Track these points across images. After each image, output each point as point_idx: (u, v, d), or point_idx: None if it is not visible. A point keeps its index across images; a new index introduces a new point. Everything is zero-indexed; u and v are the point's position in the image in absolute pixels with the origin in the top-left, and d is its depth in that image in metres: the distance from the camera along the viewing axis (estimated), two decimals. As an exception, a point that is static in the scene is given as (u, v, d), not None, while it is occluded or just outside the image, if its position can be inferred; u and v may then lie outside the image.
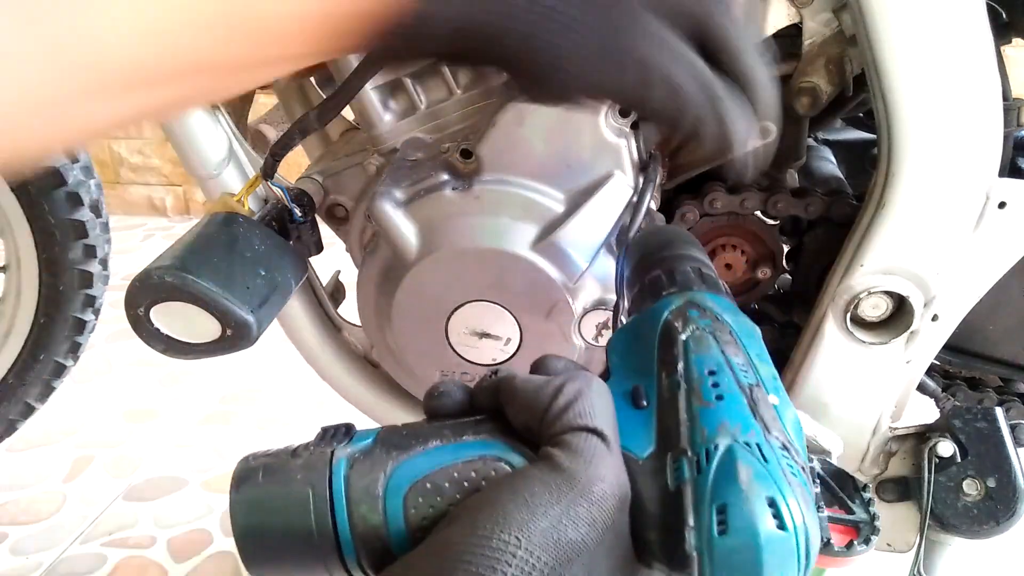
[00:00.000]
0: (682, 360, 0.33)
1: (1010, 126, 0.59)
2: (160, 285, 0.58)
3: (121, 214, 2.67)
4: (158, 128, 0.72)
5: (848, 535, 0.56)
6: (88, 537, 1.26)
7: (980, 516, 0.66)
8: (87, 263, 1.19)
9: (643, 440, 0.32)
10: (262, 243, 0.65)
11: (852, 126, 0.88)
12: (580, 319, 0.65)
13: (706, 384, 0.32)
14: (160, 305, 0.60)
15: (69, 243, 1.16)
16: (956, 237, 0.60)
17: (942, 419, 0.67)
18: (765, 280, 0.71)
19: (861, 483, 0.60)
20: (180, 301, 0.59)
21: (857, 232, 0.62)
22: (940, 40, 0.54)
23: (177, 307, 0.59)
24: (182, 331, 0.61)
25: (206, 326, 0.60)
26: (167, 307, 0.60)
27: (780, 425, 0.32)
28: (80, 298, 1.21)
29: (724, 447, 0.29)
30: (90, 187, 1.18)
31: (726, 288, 0.40)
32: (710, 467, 0.29)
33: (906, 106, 0.56)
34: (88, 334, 1.26)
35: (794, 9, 0.60)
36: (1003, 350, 0.74)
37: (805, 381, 0.66)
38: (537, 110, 0.60)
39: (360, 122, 0.70)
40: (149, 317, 0.60)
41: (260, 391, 1.64)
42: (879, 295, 0.62)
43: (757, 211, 0.69)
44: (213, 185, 0.72)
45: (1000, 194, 0.58)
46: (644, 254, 0.44)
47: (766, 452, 0.29)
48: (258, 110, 1.16)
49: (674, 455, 0.30)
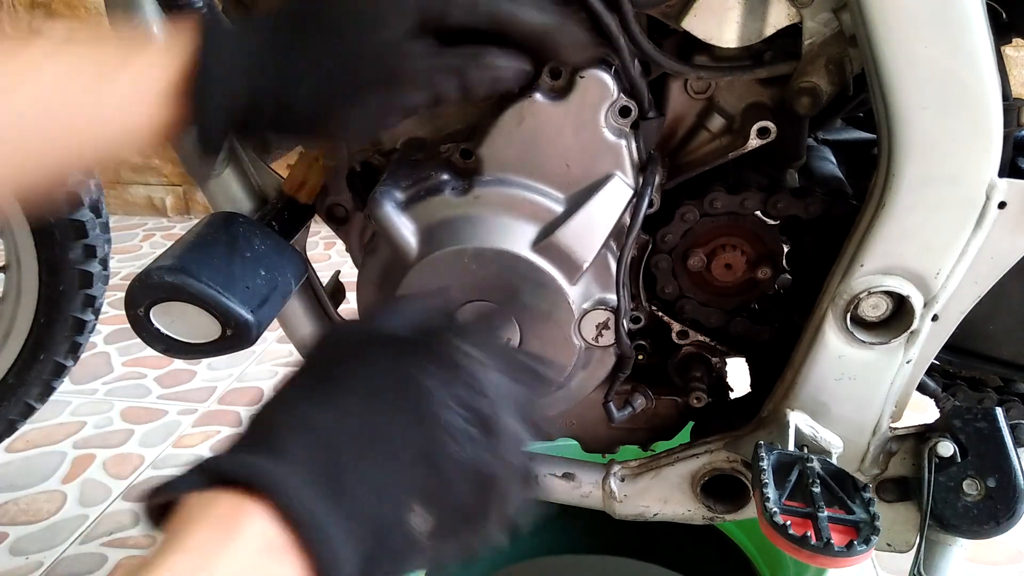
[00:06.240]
0: None
1: (1010, 126, 0.59)
2: (160, 285, 0.58)
3: (121, 214, 2.67)
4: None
5: (848, 535, 0.56)
6: (88, 537, 1.26)
7: (980, 516, 0.66)
8: (87, 263, 1.19)
9: None
10: (262, 243, 0.65)
11: (852, 126, 0.88)
12: (580, 319, 0.65)
13: None
14: (160, 305, 0.60)
15: (69, 243, 1.16)
16: (956, 237, 0.60)
17: (942, 419, 0.67)
18: (765, 280, 0.71)
19: (861, 483, 0.60)
20: (180, 301, 0.59)
21: (857, 232, 0.62)
22: (940, 40, 0.54)
23: (177, 307, 0.60)
24: (182, 331, 0.61)
25: (206, 326, 0.60)
26: (167, 307, 0.60)
27: None
28: (80, 298, 1.21)
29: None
30: (90, 187, 1.18)
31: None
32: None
33: (906, 106, 0.56)
34: (88, 334, 1.26)
35: (794, 9, 0.60)
36: (1003, 350, 0.74)
37: (805, 381, 0.66)
38: (537, 110, 0.60)
39: (360, 122, 0.69)
40: (149, 317, 0.60)
41: (260, 391, 1.64)
42: (879, 295, 0.62)
43: (757, 211, 0.69)
44: (213, 185, 0.72)
45: (1000, 194, 0.58)
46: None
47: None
48: (258, 110, 1.16)
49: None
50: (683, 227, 0.69)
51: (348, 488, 0.37)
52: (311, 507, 0.35)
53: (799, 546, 0.55)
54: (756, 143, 0.64)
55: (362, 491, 0.37)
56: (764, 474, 0.59)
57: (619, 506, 0.75)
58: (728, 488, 0.73)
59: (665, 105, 0.69)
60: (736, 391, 0.80)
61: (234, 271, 0.61)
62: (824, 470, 0.61)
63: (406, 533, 0.39)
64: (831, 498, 0.59)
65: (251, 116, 0.50)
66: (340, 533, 0.36)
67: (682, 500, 0.74)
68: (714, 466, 0.72)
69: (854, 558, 0.55)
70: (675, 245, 0.70)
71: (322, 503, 0.36)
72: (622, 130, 0.61)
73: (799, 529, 0.56)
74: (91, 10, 2.45)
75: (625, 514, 0.76)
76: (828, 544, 0.55)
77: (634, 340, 0.73)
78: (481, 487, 0.41)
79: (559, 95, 0.60)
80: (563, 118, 0.60)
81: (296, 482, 0.36)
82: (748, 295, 0.73)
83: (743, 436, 0.71)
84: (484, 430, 0.41)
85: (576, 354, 0.66)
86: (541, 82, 0.59)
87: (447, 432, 0.39)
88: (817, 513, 0.57)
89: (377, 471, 0.38)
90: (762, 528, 0.58)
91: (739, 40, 0.62)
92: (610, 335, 0.66)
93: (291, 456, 0.37)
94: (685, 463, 0.73)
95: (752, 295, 0.73)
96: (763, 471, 0.60)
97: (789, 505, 0.58)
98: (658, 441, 0.80)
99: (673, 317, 0.73)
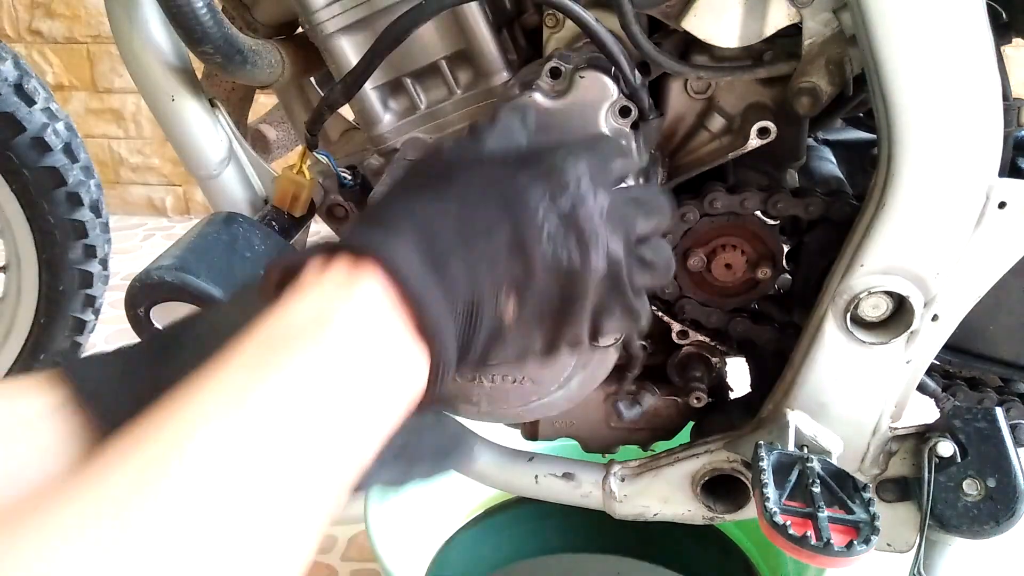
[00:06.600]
0: None
1: (1010, 126, 0.59)
2: (160, 285, 0.59)
3: (121, 214, 2.67)
4: (158, 128, 0.72)
5: (848, 535, 0.56)
6: (88, 537, 1.26)
7: (980, 516, 0.66)
8: (87, 263, 1.19)
9: None
10: (262, 243, 0.65)
11: (852, 126, 0.88)
12: (580, 319, 0.65)
13: None
14: (160, 305, 0.60)
15: (69, 243, 1.17)
16: (956, 237, 0.60)
17: (942, 419, 0.67)
18: (765, 280, 0.71)
19: (861, 483, 0.60)
20: (180, 301, 0.59)
21: (857, 232, 0.62)
22: (940, 40, 0.54)
23: (177, 307, 0.60)
24: (182, 331, 0.61)
25: (206, 326, 0.60)
26: (167, 307, 0.60)
27: None
28: (80, 298, 1.21)
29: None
30: (90, 187, 1.18)
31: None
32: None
33: (906, 106, 0.56)
34: (88, 334, 1.26)
35: (794, 9, 0.60)
36: (1003, 350, 0.74)
37: (805, 381, 0.66)
38: (537, 110, 0.60)
39: (360, 122, 0.70)
40: (149, 317, 0.60)
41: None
42: (879, 295, 0.62)
43: (757, 211, 0.69)
44: (213, 185, 0.72)
45: (1000, 194, 0.58)
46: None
47: None
48: (258, 110, 1.16)
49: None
50: (683, 227, 0.69)
51: (448, 265, 0.40)
52: (418, 272, 0.39)
53: (799, 546, 0.55)
54: (756, 143, 0.64)
55: (459, 269, 0.41)
56: (764, 474, 0.59)
57: (619, 506, 0.75)
58: (728, 488, 0.73)
59: (665, 105, 0.69)
60: (736, 391, 0.80)
61: (234, 271, 0.61)
62: (824, 470, 0.61)
63: (496, 315, 0.42)
64: (831, 498, 0.59)
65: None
66: (441, 298, 0.40)
67: (682, 500, 0.74)
68: (714, 466, 0.72)
69: (854, 558, 0.55)
70: (675, 245, 0.70)
71: (426, 272, 0.40)
72: (622, 130, 0.61)
73: (799, 529, 0.56)
74: (91, 10, 2.46)
75: (625, 514, 0.76)
76: (828, 544, 0.55)
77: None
78: (566, 286, 0.44)
79: (559, 95, 0.60)
80: (563, 118, 0.60)
81: (404, 251, 0.39)
82: (748, 295, 0.73)
83: (743, 436, 0.71)
84: (577, 235, 0.43)
85: (576, 354, 0.66)
86: (541, 82, 0.59)
87: (539, 229, 0.42)
88: (817, 513, 0.57)
89: (473, 255, 0.41)
90: (762, 528, 0.58)
91: (739, 40, 0.62)
92: (610, 335, 0.66)
93: (399, 233, 0.41)
94: (685, 463, 0.73)
95: (752, 295, 0.73)
96: (763, 471, 0.60)
97: (789, 505, 0.58)
98: (658, 441, 0.80)
99: (673, 317, 0.73)
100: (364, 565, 1.22)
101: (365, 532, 0.98)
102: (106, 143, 2.63)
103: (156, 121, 0.71)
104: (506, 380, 0.66)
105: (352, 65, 0.63)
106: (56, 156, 1.13)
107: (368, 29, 0.64)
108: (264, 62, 0.67)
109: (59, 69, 2.54)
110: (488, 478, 0.79)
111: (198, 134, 0.70)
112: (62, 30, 2.49)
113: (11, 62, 1.11)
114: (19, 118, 1.10)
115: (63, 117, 1.17)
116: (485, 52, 0.64)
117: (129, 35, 0.67)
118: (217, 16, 0.61)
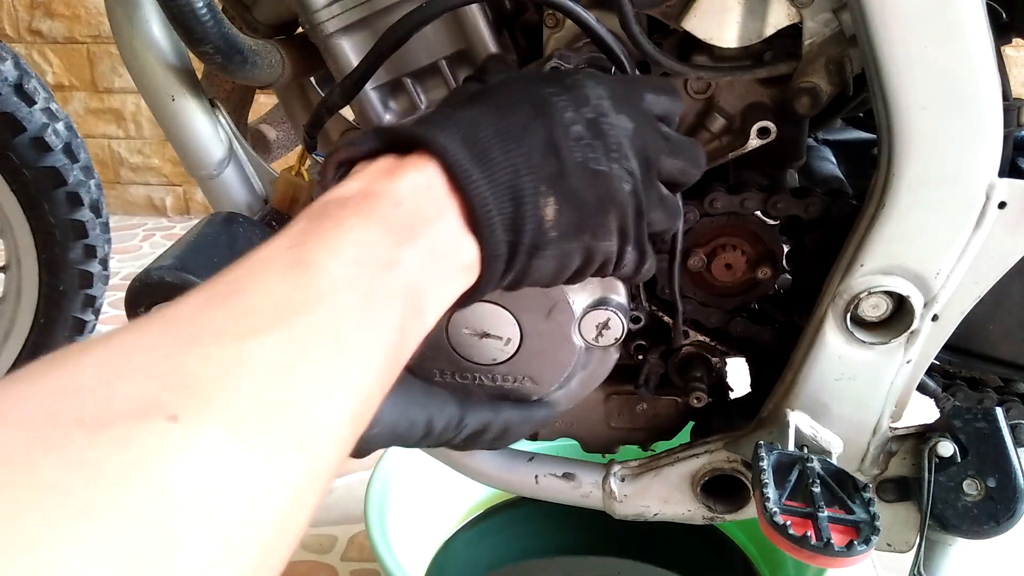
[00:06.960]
0: None
1: (1010, 126, 0.59)
2: (160, 285, 0.59)
3: (121, 214, 2.67)
4: (158, 128, 0.72)
5: (848, 535, 0.56)
6: (88, 537, 1.26)
7: (980, 516, 0.66)
8: (87, 263, 1.19)
9: None
10: (262, 243, 0.65)
11: (852, 126, 0.88)
12: (580, 319, 0.65)
13: None
14: (160, 305, 0.60)
15: (69, 243, 1.17)
16: (956, 237, 0.60)
17: (942, 419, 0.67)
18: (765, 280, 0.71)
19: (861, 483, 0.60)
20: (180, 301, 0.59)
21: (857, 232, 0.62)
22: (940, 40, 0.54)
23: (177, 307, 0.59)
24: (182, 331, 0.61)
25: (206, 326, 0.60)
26: (167, 307, 0.60)
27: None
28: (80, 298, 1.21)
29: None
30: (90, 187, 1.18)
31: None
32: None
33: (906, 106, 0.56)
34: (88, 334, 1.26)
35: (794, 9, 0.60)
36: (1003, 350, 0.74)
37: (805, 381, 0.66)
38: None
39: (360, 122, 0.70)
40: (149, 317, 0.60)
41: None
42: (879, 295, 0.62)
43: (757, 211, 0.69)
44: (213, 185, 0.72)
45: (1000, 194, 0.58)
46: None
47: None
48: (258, 110, 1.16)
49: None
50: (683, 227, 0.69)
51: (492, 160, 0.43)
52: (466, 162, 0.41)
53: (799, 546, 0.55)
54: (756, 143, 0.64)
55: (502, 165, 0.43)
56: (764, 474, 0.59)
57: (619, 506, 0.75)
58: (728, 488, 0.73)
59: (665, 105, 0.69)
60: (736, 391, 0.80)
61: (234, 271, 0.61)
62: (824, 470, 0.61)
63: (538, 213, 0.44)
64: (831, 498, 0.59)
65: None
66: (489, 191, 0.42)
67: (682, 500, 0.74)
68: (714, 466, 0.72)
69: (854, 558, 0.55)
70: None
71: (474, 164, 0.42)
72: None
73: (799, 529, 0.56)
74: (91, 10, 2.46)
75: (625, 514, 0.76)
76: (828, 544, 0.55)
77: (634, 340, 0.73)
78: (598, 190, 0.46)
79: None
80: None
81: (453, 144, 0.42)
82: (748, 295, 0.73)
83: (743, 436, 0.71)
84: (603, 143, 0.46)
85: (576, 354, 0.66)
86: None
87: (567, 133, 0.45)
88: (817, 513, 0.57)
89: (514, 153, 0.43)
90: (762, 528, 0.58)
91: (739, 40, 0.62)
92: (610, 335, 0.66)
93: (446, 128, 0.43)
94: (685, 463, 0.73)
95: (752, 295, 0.73)
96: (763, 471, 0.60)
97: (789, 505, 0.58)
98: (658, 441, 0.80)
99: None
100: (364, 565, 1.22)
101: (365, 532, 0.98)
102: (106, 143, 2.63)
103: (156, 121, 0.71)
104: (506, 380, 0.66)
105: (352, 65, 0.63)
106: (56, 156, 1.13)
107: (368, 29, 0.64)
108: (264, 62, 0.67)
109: (59, 69, 2.54)
110: (488, 478, 0.79)
111: (198, 134, 0.70)
112: (62, 30, 2.49)
113: (11, 62, 1.11)
114: (19, 118, 1.10)
115: (63, 117, 1.17)
116: (485, 52, 0.64)
117: (129, 35, 0.67)
118: (217, 16, 0.61)
